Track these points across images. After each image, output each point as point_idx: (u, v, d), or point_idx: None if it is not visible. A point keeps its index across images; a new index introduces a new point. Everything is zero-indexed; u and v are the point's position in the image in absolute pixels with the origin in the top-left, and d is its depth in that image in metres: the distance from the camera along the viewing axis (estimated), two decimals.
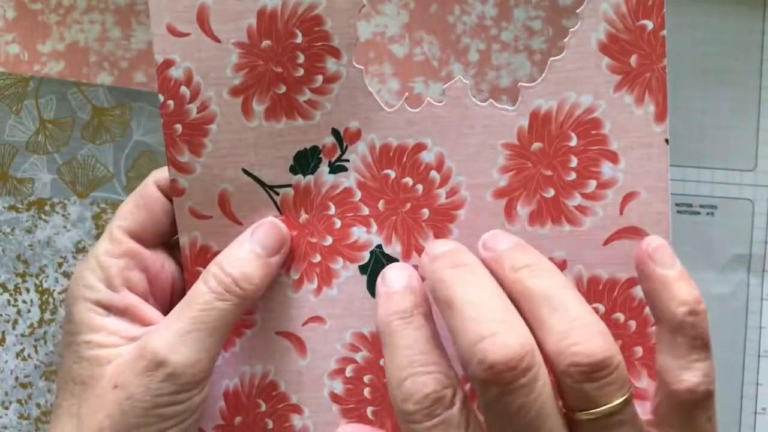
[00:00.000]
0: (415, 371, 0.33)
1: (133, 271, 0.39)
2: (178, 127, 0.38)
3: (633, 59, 0.37)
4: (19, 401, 0.50)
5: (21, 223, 0.50)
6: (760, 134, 0.48)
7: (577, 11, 0.37)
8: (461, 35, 0.48)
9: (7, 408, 0.50)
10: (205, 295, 0.37)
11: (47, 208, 0.50)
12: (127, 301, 0.38)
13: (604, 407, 0.32)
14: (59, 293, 0.50)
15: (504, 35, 0.48)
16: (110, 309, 0.38)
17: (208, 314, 0.37)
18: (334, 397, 0.40)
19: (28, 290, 0.50)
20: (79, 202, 0.50)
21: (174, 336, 0.36)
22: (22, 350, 0.50)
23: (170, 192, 0.39)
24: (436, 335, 0.35)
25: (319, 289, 0.39)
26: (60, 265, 0.50)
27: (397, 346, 0.34)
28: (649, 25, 0.37)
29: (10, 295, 0.50)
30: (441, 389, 0.33)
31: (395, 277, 0.36)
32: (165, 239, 0.40)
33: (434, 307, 0.35)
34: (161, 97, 0.38)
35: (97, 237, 0.49)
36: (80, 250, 0.50)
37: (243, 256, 0.38)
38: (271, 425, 0.40)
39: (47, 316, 0.50)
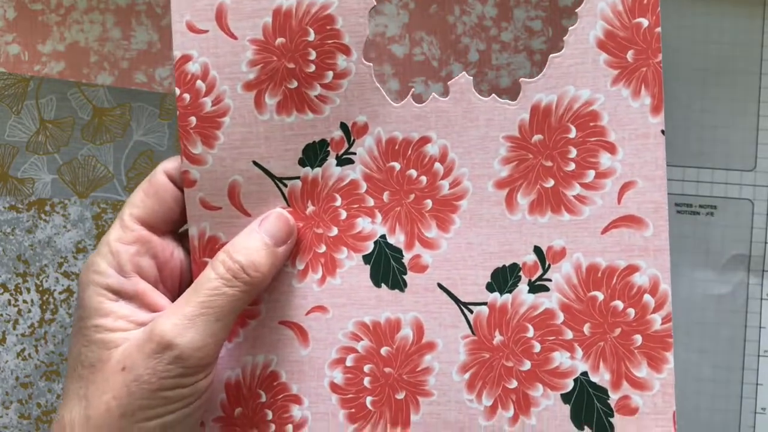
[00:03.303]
0: None
1: (143, 258, 0.40)
2: (193, 119, 0.40)
3: (629, 55, 0.39)
4: (19, 401, 0.50)
5: (21, 223, 0.50)
6: (760, 134, 0.48)
7: (576, 10, 0.39)
8: (461, 35, 0.48)
9: (7, 408, 0.50)
10: (213, 281, 0.39)
11: (47, 208, 0.50)
12: (137, 286, 0.40)
13: None
14: (59, 293, 0.50)
15: (504, 35, 0.48)
16: (120, 294, 0.40)
17: (216, 300, 0.38)
18: (334, 387, 0.41)
19: (28, 290, 0.50)
20: (79, 202, 0.50)
21: (182, 320, 0.38)
22: (23, 350, 0.50)
23: (182, 183, 0.41)
24: None
25: (323, 279, 0.41)
26: (60, 265, 0.50)
27: None
28: (645, 22, 0.39)
29: (11, 295, 0.50)
30: None
31: None
32: (175, 227, 0.42)
33: None
34: (177, 91, 0.40)
35: (98, 237, 0.50)
36: (80, 250, 0.50)
37: (251, 244, 0.39)
38: (270, 416, 0.41)
39: (47, 316, 0.50)
